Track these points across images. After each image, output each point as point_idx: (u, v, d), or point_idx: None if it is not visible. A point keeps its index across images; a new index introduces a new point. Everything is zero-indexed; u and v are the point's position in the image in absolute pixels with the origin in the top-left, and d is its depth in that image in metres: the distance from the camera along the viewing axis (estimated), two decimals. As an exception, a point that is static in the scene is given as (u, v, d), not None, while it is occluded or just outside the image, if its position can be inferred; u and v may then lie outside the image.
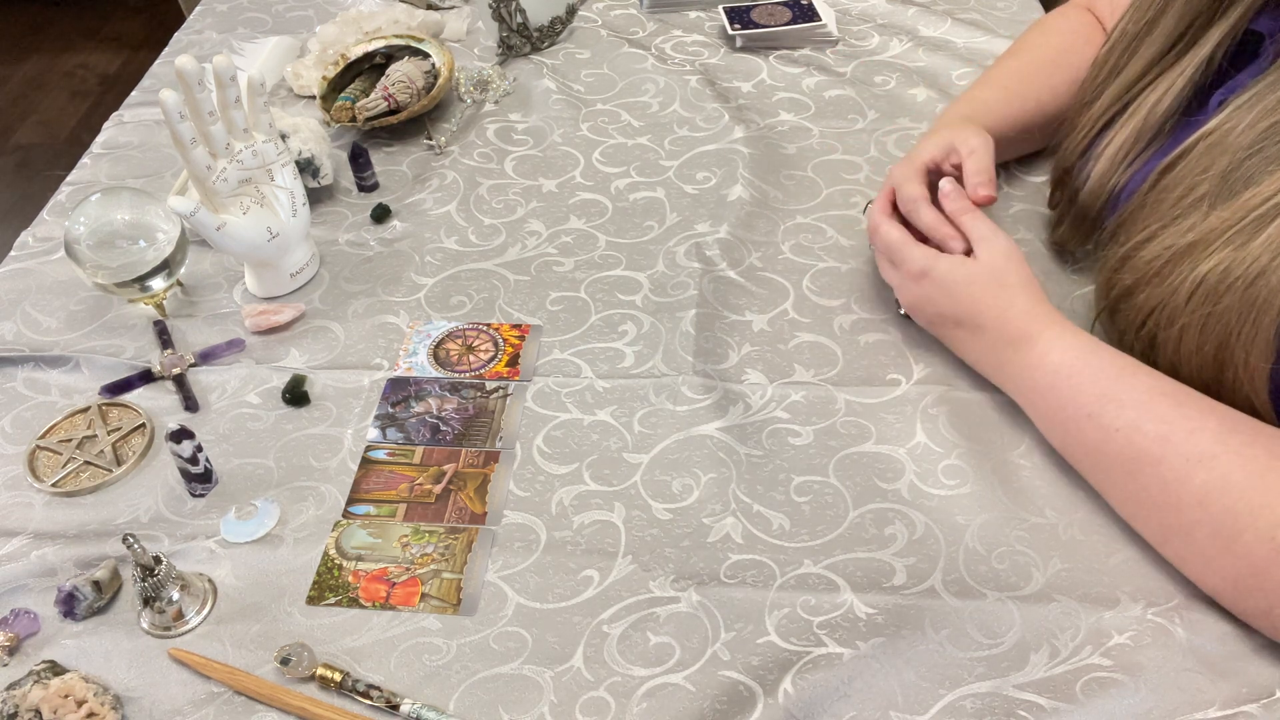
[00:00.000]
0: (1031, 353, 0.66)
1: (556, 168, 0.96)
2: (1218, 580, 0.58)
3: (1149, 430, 0.60)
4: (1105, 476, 0.63)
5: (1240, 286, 0.57)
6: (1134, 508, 0.61)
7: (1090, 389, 0.63)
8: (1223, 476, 0.56)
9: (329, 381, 0.77)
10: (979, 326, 0.69)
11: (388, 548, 0.66)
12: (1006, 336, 0.67)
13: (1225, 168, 0.61)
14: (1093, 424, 0.62)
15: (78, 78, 2.72)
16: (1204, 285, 0.59)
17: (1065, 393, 0.64)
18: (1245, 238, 0.58)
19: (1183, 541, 0.58)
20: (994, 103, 0.84)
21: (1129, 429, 0.60)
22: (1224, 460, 0.57)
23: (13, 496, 0.71)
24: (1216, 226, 0.60)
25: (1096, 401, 0.62)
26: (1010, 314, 0.67)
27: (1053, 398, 0.64)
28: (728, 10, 1.10)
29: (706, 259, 0.85)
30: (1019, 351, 0.67)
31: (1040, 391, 0.66)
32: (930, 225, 0.72)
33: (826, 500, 0.67)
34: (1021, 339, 0.67)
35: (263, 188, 0.79)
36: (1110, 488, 0.63)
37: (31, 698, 0.57)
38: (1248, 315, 0.57)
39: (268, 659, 0.60)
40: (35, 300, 0.85)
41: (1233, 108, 0.62)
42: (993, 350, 0.69)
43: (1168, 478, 0.58)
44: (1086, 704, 0.56)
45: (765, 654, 0.59)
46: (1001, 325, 0.68)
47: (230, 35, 1.16)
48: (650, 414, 0.73)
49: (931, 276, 0.70)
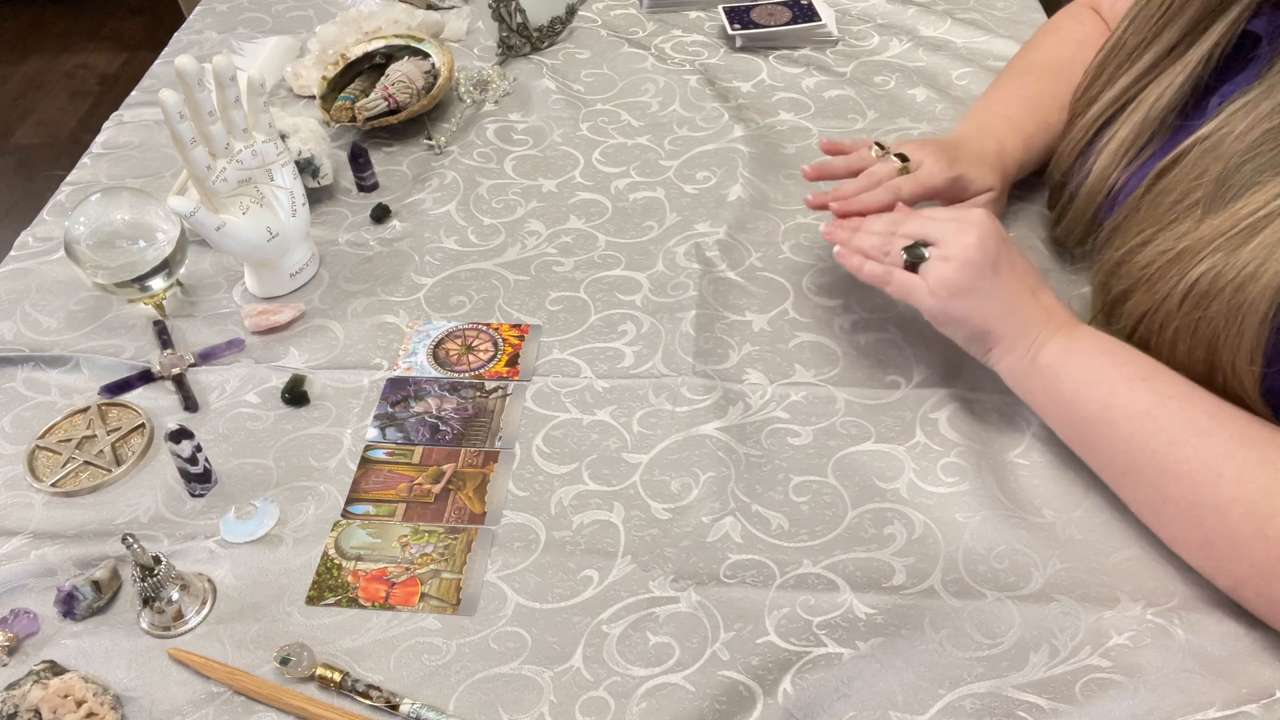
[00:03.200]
0: (1081, 326, 0.66)
1: (556, 168, 0.96)
2: (1244, 566, 0.57)
3: (1200, 404, 0.60)
4: (1145, 444, 0.60)
5: (1229, 291, 0.58)
6: (1170, 482, 0.59)
7: (1143, 361, 0.63)
8: (1261, 455, 0.57)
9: (328, 381, 0.77)
10: (1042, 286, 0.67)
11: (387, 548, 0.66)
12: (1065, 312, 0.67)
13: (1219, 174, 0.61)
14: (1146, 387, 0.61)
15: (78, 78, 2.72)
16: (1195, 290, 0.60)
17: (1122, 356, 0.63)
18: (1236, 244, 0.58)
19: (1216, 521, 0.57)
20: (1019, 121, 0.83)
21: (1182, 398, 0.60)
22: (1261, 443, 0.57)
23: (12, 496, 0.71)
24: (1209, 233, 0.60)
25: (1151, 369, 0.62)
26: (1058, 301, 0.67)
27: (1108, 360, 0.63)
28: (728, 10, 1.10)
29: (706, 259, 0.85)
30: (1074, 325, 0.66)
31: (1094, 353, 0.64)
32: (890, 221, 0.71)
33: (825, 500, 0.67)
34: (1074, 320, 0.66)
35: (262, 188, 0.79)
36: (1146, 458, 0.60)
37: (31, 698, 0.57)
38: (1234, 319, 0.58)
39: (267, 659, 0.60)
40: (35, 300, 0.85)
41: (1228, 113, 0.62)
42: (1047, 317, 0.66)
43: (1213, 451, 0.58)
44: (1086, 704, 0.56)
45: (765, 654, 0.59)
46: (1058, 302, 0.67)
47: (230, 35, 1.16)
48: (650, 414, 0.73)
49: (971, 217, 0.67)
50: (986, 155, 0.80)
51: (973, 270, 0.65)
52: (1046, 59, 0.88)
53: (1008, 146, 0.81)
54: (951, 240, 0.65)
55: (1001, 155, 0.81)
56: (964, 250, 0.65)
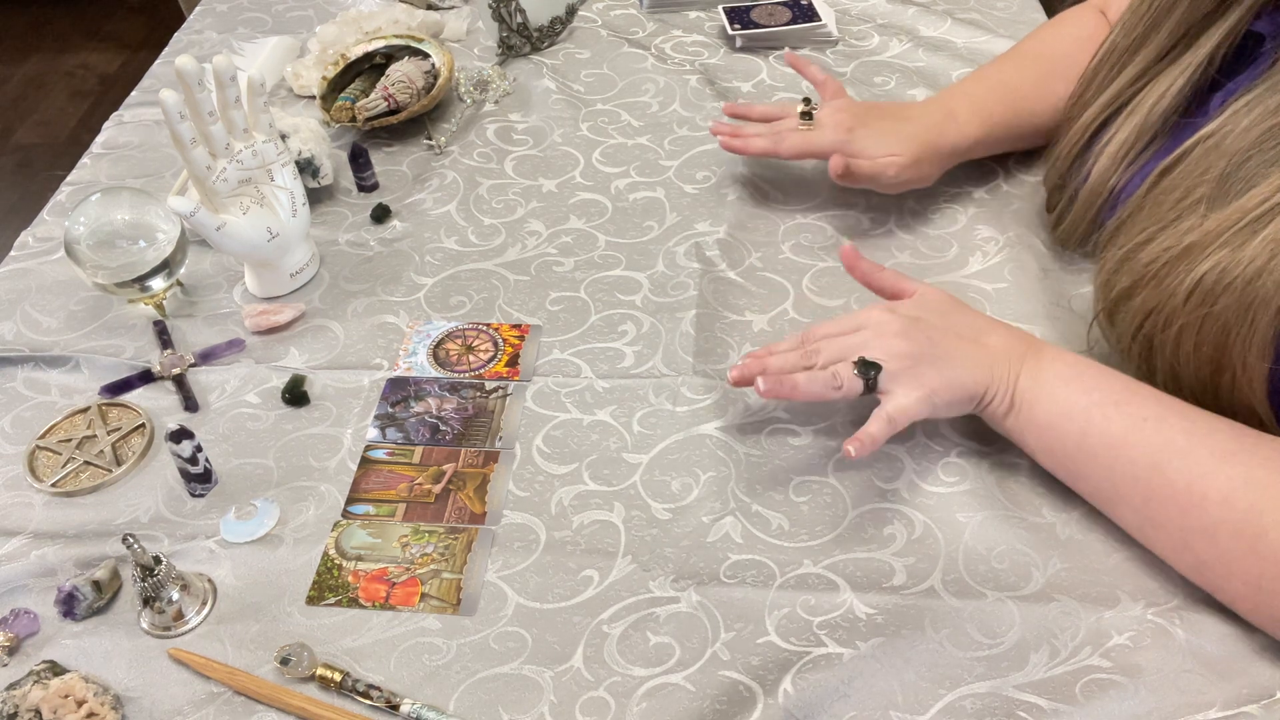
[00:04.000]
0: (1046, 351, 0.66)
1: (556, 168, 0.96)
2: (1239, 584, 0.57)
3: (1175, 423, 0.59)
4: (1126, 470, 0.60)
5: (1238, 286, 0.57)
6: (1156, 507, 0.59)
7: (1113, 382, 0.63)
8: (1246, 473, 0.56)
9: (329, 381, 0.77)
10: (983, 330, 0.67)
11: (387, 548, 0.66)
12: (1024, 341, 0.67)
13: (1223, 170, 0.61)
14: (1120, 412, 0.61)
15: (78, 78, 2.72)
16: (1201, 286, 0.59)
17: (1090, 380, 0.63)
18: (1243, 239, 0.58)
19: (1205, 543, 0.57)
20: (982, 98, 0.85)
21: (1156, 419, 0.60)
22: (1244, 457, 0.57)
23: (12, 496, 0.71)
24: (1214, 229, 0.59)
25: (1123, 391, 0.62)
26: (1006, 327, 0.67)
27: (1078, 386, 0.63)
28: (728, 10, 1.10)
29: (706, 259, 0.85)
30: (1038, 353, 0.66)
31: (1065, 380, 0.64)
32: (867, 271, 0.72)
33: (826, 500, 0.67)
34: (1037, 345, 0.66)
35: (263, 188, 0.79)
36: (1129, 485, 0.60)
37: (31, 698, 0.57)
38: (1245, 315, 0.57)
39: (268, 659, 0.60)
40: (35, 300, 0.85)
41: (1232, 110, 0.62)
42: (1006, 353, 0.66)
43: (1194, 472, 0.57)
44: (1086, 705, 0.56)
45: (765, 654, 0.59)
46: (1012, 331, 0.67)
47: (230, 35, 1.16)
48: (650, 414, 0.73)
49: (916, 295, 0.69)
50: (910, 124, 0.83)
51: (913, 361, 0.64)
52: (1036, 50, 0.90)
53: (959, 122, 0.84)
54: (877, 348, 0.65)
55: (940, 128, 0.83)
56: (895, 351, 0.65)
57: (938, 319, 0.67)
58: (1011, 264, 0.82)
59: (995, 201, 0.88)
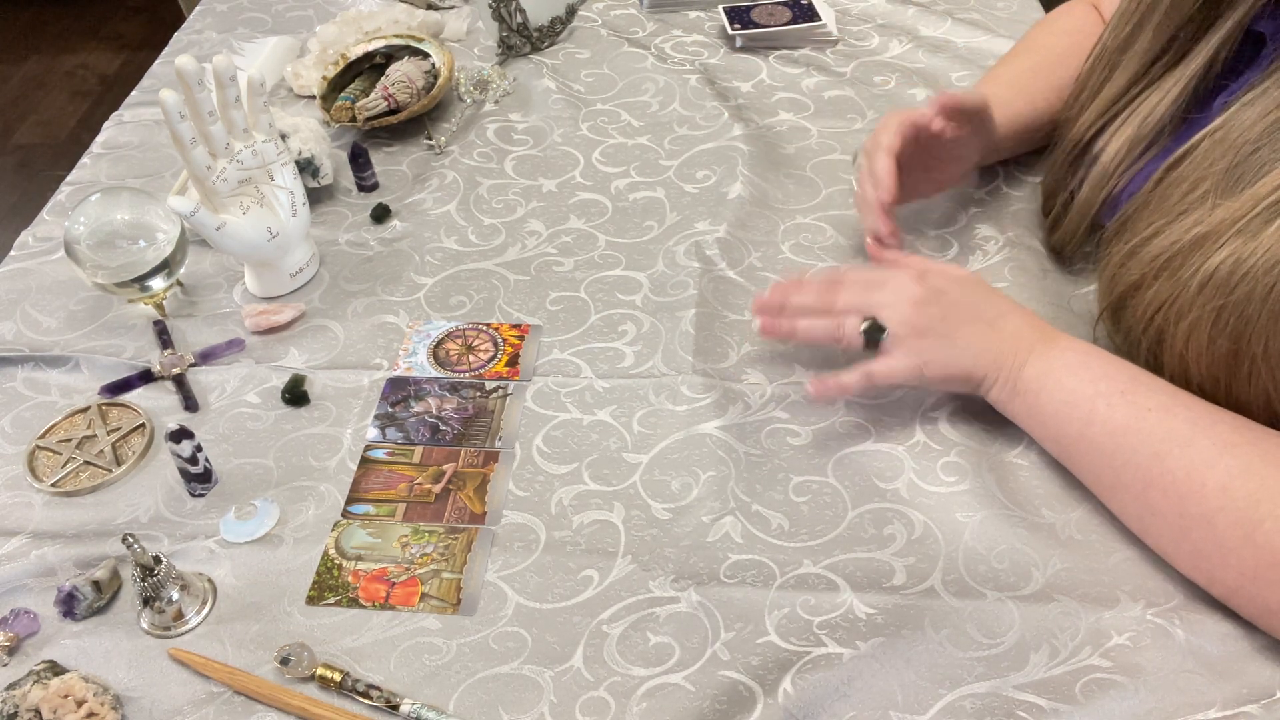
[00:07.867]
0: (1060, 340, 0.66)
1: (556, 168, 0.96)
2: (1234, 575, 0.57)
3: (1179, 413, 0.60)
4: (1128, 458, 0.60)
5: (1258, 274, 0.57)
6: (1156, 494, 0.59)
7: (1120, 373, 0.63)
8: (1245, 463, 0.56)
9: (328, 381, 0.77)
10: (1003, 314, 0.67)
11: (387, 548, 0.66)
12: (1038, 329, 0.67)
13: (1230, 163, 0.61)
14: (1125, 401, 0.61)
15: (78, 78, 2.72)
16: (1215, 277, 0.59)
17: (1098, 369, 0.63)
18: (1256, 228, 0.57)
19: (1204, 531, 0.57)
20: (998, 101, 0.84)
21: (1161, 409, 0.60)
22: (1244, 449, 0.57)
23: (12, 496, 0.71)
24: (1225, 218, 0.59)
25: (1129, 382, 0.62)
26: (1028, 314, 0.68)
27: (1085, 375, 0.64)
28: (728, 10, 1.10)
29: (706, 258, 0.85)
30: (1050, 341, 0.66)
31: (1073, 369, 0.64)
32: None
33: (825, 500, 0.67)
34: (1051, 334, 0.67)
35: (263, 188, 0.79)
36: (1130, 473, 0.60)
37: (31, 698, 0.57)
38: (1265, 303, 0.57)
39: (267, 659, 0.60)
40: (35, 300, 0.85)
41: (1238, 105, 0.62)
42: (1016, 339, 0.66)
43: (1195, 461, 0.58)
44: (1086, 705, 0.56)
45: (765, 654, 0.59)
46: (1031, 320, 0.68)
47: (230, 35, 1.16)
48: (650, 414, 0.73)
49: (936, 269, 0.70)
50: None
51: (918, 333, 0.67)
52: (1039, 48, 0.90)
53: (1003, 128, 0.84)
54: (890, 312, 0.67)
55: None
56: (904, 318, 0.67)
57: (960, 294, 0.68)
58: (1011, 264, 0.82)
59: (995, 201, 0.88)
